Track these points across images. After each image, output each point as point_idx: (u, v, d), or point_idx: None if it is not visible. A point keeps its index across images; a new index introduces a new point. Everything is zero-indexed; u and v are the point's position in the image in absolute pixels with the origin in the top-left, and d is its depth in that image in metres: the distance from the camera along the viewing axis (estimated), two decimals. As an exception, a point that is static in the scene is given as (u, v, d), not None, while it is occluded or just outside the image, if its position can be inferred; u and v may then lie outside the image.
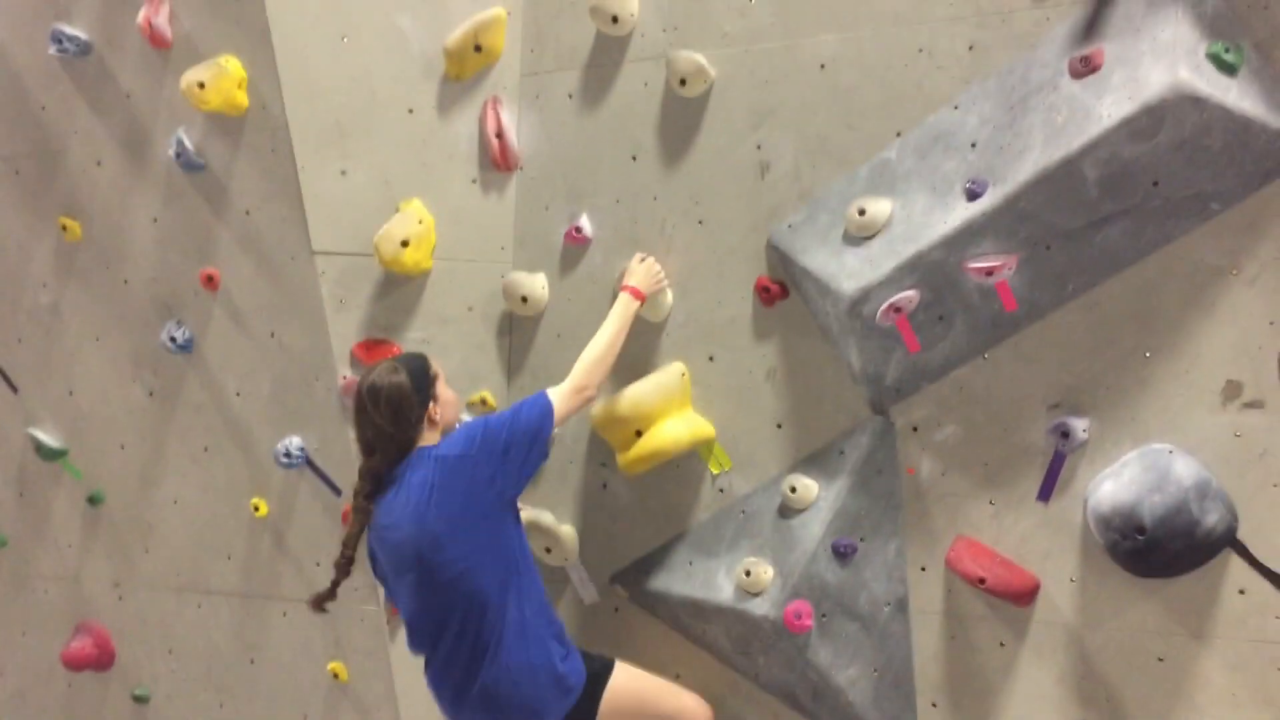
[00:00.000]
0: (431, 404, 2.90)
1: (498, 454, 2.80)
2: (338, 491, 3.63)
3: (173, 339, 3.70)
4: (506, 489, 2.83)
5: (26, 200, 3.86)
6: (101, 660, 4.19)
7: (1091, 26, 2.67)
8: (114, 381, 3.91)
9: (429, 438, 2.91)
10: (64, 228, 3.80)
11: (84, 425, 4.02)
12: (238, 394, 3.71)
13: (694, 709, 3.17)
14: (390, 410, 2.81)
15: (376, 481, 2.86)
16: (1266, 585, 2.71)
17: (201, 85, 3.31)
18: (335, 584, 2.94)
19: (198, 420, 3.80)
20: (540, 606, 2.90)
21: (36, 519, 4.21)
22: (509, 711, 2.86)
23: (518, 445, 2.83)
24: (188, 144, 3.48)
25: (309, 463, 3.64)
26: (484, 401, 3.50)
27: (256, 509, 3.75)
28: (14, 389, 4.10)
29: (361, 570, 3.55)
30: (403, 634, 3.56)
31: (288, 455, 3.62)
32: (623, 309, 3.09)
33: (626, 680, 3.03)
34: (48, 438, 4.07)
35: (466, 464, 2.79)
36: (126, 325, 3.82)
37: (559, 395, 2.92)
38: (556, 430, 3.01)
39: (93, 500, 4.05)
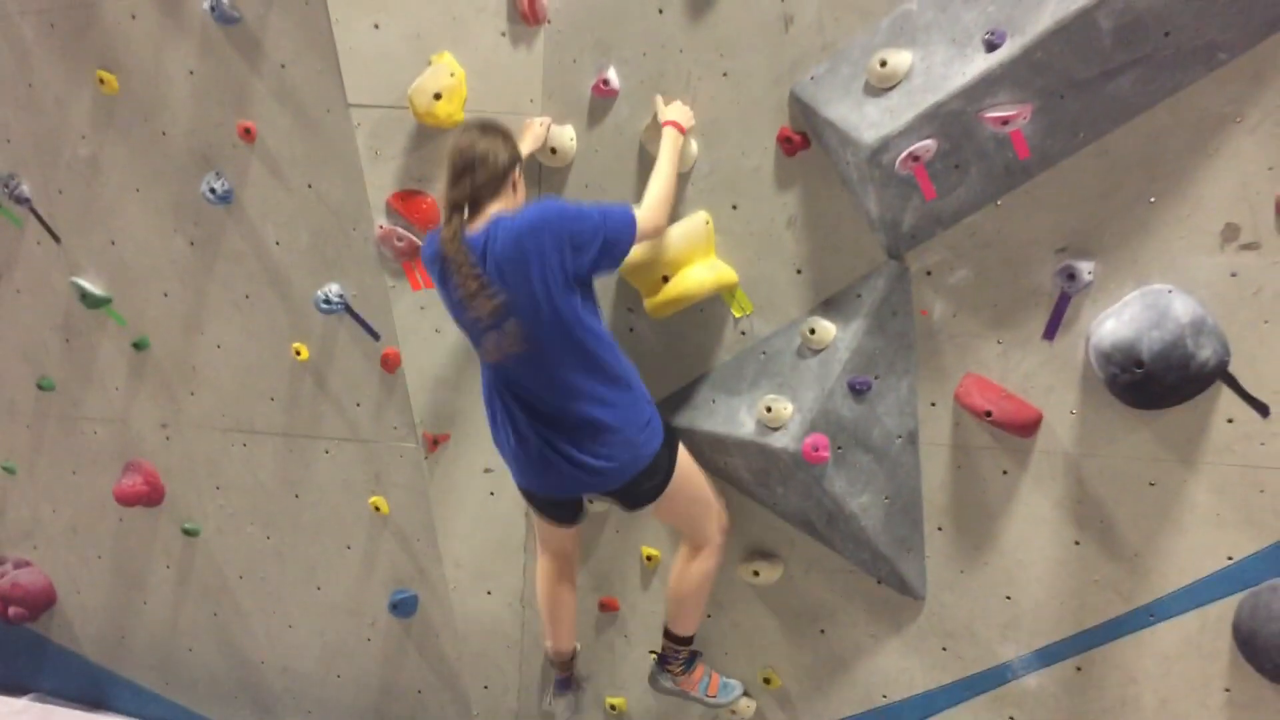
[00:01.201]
0: (520, 168, 3.04)
1: (586, 232, 2.90)
2: (376, 336, 3.81)
3: (212, 190, 3.83)
4: (576, 274, 2.92)
5: (63, 53, 3.92)
6: (152, 496, 4.44)
7: (1112, -121, 2.74)
8: (155, 231, 4.05)
9: (505, 203, 2.99)
10: (101, 80, 3.88)
11: (127, 274, 4.17)
12: (277, 243, 3.86)
13: (716, 522, 3.37)
14: (491, 173, 2.94)
15: (460, 213, 2.95)
16: (1253, 414, 2.92)
17: (236, -65, 3.38)
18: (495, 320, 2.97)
19: (238, 269, 3.96)
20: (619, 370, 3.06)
21: (84, 364, 4.39)
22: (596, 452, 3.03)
23: (604, 235, 2.93)
24: (223, -6, 3.55)
25: (348, 309, 3.81)
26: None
27: (298, 353, 3.94)
28: (56, 239, 4.24)
29: (398, 409, 3.77)
30: (439, 469, 3.81)
31: (327, 301, 3.79)
32: (671, 145, 3.20)
33: (687, 459, 3.26)
34: (91, 286, 4.22)
35: (555, 227, 2.87)
36: (166, 177, 3.94)
37: (640, 221, 3.02)
38: None
39: (138, 346, 4.24)
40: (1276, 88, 2.74)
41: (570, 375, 2.96)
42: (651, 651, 3.62)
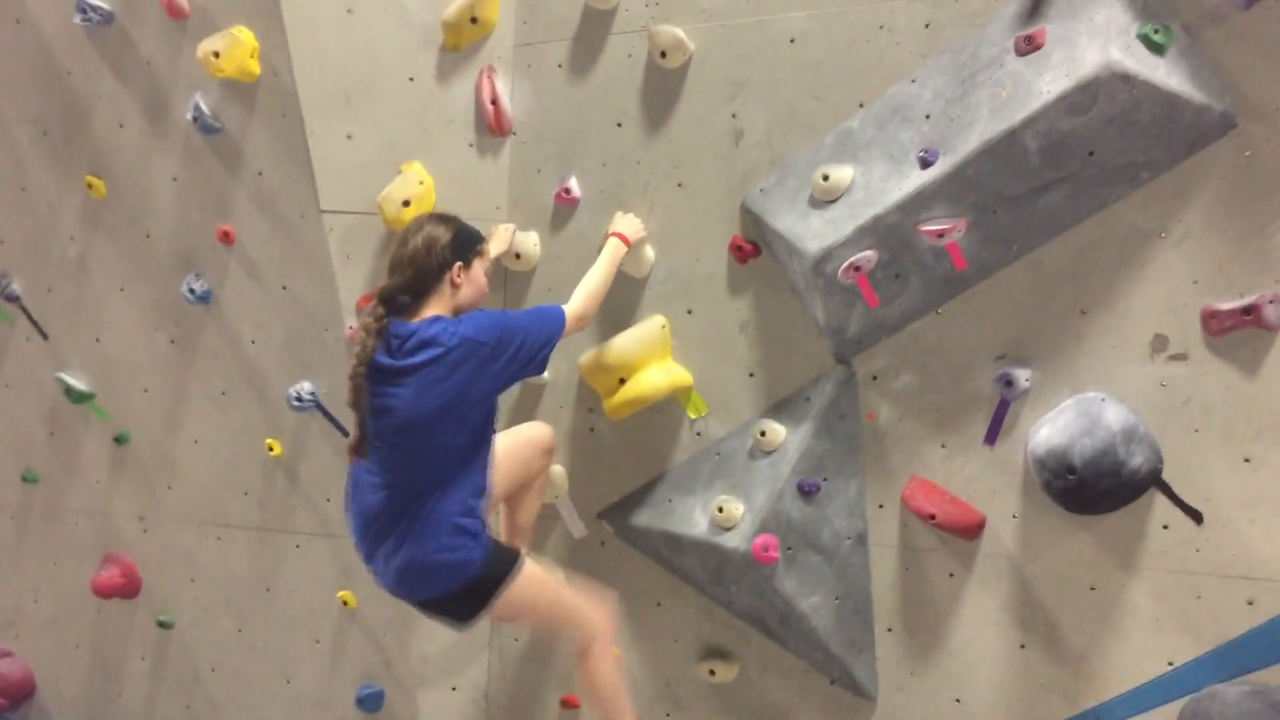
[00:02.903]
0: (458, 267, 2.98)
1: (511, 349, 2.92)
2: (345, 433, 3.90)
3: (192, 290, 3.97)
4: (504, 383, 2.98)
5: (55, 160, 4.10)
6: (129, 588, 4.50)
7: (1035, 8, 2.89)
8: (138, 329, 4.18)
9: (441, 301, 2.98)
10: (90, 185, 4.04)
11: (110, 370, 4.29)
12: (253, 342, 3.98)
13: (592, 621, 3.24)
14: (422, 248, 2.94)
15: (389, 306, 2.94)
16: (1188, 521, 2.97)
17: (217, 54, 3.55)
18: (359, 425, 2.99)
19: (216, 366, 4.08)
20: (473, 490, 2.99)
21: (67, 457, 4.50)
22: (421, 572, 2.98)
23: (528, 348, 2.96)
24: (204, 109, 3.71)
25: (319, 406, 3.92)
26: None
27: (271, 449, 4.03)
28: (44, 335, 4.37)
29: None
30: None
31: (299, 399, 3.89)
32: (611, 251, 3.31)
33: (526, 584, 3.08)
34: (76, 381, 4.34)
35: (484, 351, 2.88)
36: (149, 277, 4.08)
37: (569, 314, 3.08)
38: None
39: (119, 440, 4.34)
40: (1198, 205, 2.85)
41: (410, 476, 2.95)
42: None
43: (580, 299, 3.17)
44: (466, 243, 3.04)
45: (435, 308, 2.97)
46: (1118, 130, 2.78)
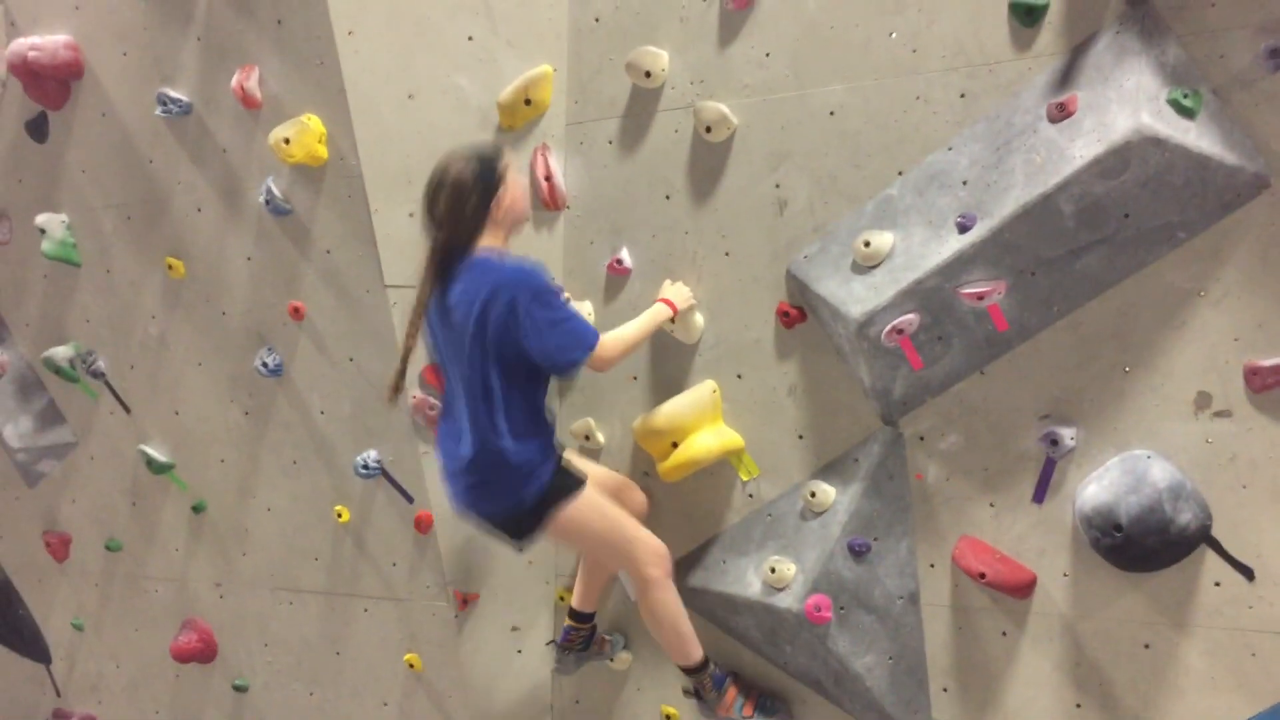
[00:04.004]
0: (499, 194, 3.08)
1: (532, 326, 2.99)
2: (410, 499, 4.04)
3: (264, 364, 4.15)
4: (526, 345, 3.02)
5: (137, 243, 4.34)
6: (206, 653, 4.66)
7: (1067, 75, 2.97)
8: (214, 402, 4.37)
9: (492, 232, 3.10)
10: (170, 266, 4.27)
11: (188, 442, 4.49)
12: (322, 412, 4.14)
13: (650, 550, 3.32)
14: (452, 199, 3.04)
15: (442, 255, 3.08)
16: (1239, 577, 2.96)
17: (287, 141, 3.75)
18: (404, 359, 3.21)
19: (287, 436, 4.25)
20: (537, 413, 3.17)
21: (148, 526, 4.69)
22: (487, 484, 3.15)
23: (549, 330, 3.02)
24: (276, 192, 3.92)
25: (385, 473, 4.06)
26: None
27: (339, 515, 4.18)
28: (127, 410, 4.58)
29: (431, 569, 3.97)
30: (469, 627, 3.98)
31: (366, 467, 4.04)
32: (654, 313, 3.38)
33: (585, 507, 3.22)
34: (157, 453, 4.54)
35: (509, 309, 2.98)
36: (224, 352, 4.28)
37: (600, 346, 3.11)
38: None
39: (196, 509, 4.52)
40: (1235, 263, 2.88)
41: (470, 410, 3.10)
42: (684, 690, 3.74)
43: (612, 343, 3.18)
44: (490, 169, 3.08)
45: (490, 240, 3.11)
46: (1152, 193, 2.84)
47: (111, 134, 4.26)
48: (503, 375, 3.07)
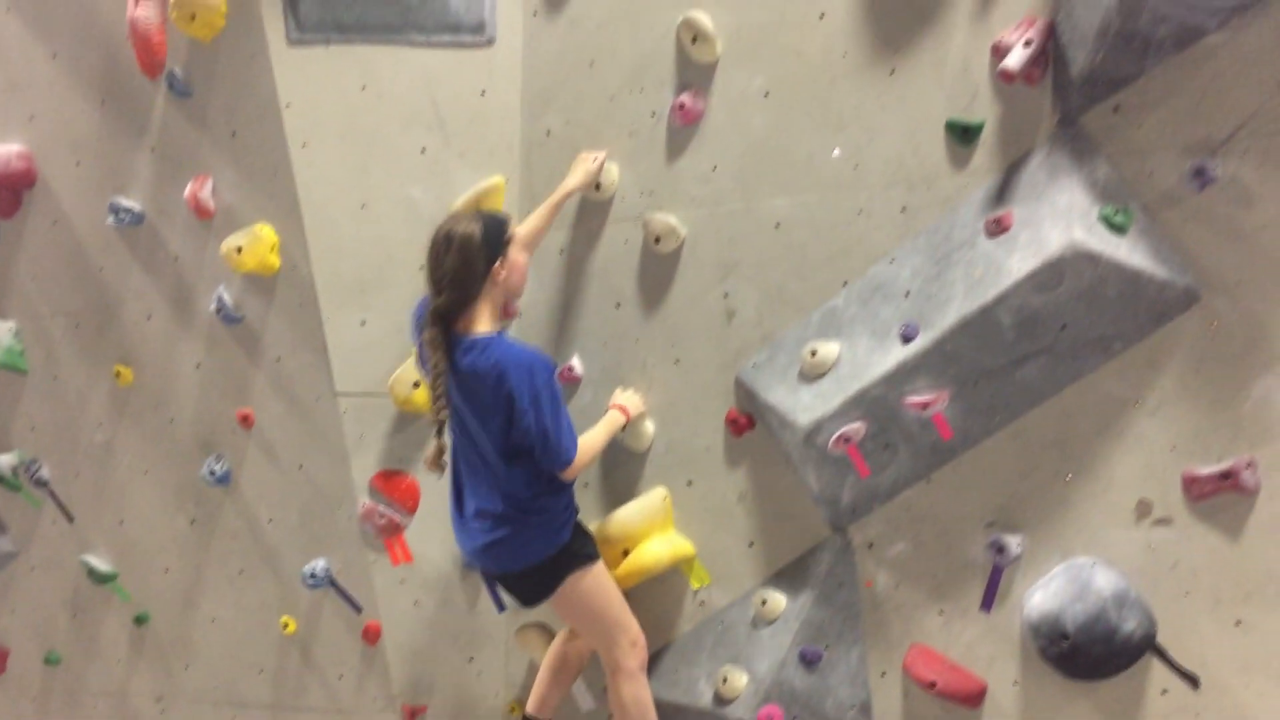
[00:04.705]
0: (500, 261, 3.10)
1: (525, 429, 3.05)
2: (358, 609, 3.99)
3: (212, 472, 4.11)
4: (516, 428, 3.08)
5: (86, 350, 4.30)
6: (145, 771, 4.52)
7: (1002, 192, 3.07)
8: (160, 511, 4.31)
9: (490, 298, 3.12)
10: (118, 374, 4.24)
11: (132, 551, 4.40)
12: (269, 521, 4.10)
13: (635, 639, 3.38)
14: (459, 257, 3.03)
15: (445, 321, 3.06)
16: (1184, 685, 2.98)
17: (239, 250, 3.78)
18: (440, 431, 3.15)
19: (234, 545, 4.19)
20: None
21: (88, 639, 4.57)
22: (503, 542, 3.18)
23: (537, 435, 3.06)
24: (227, 300, 3.92)
25: (332, 583, 4.00)
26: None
27: (286, 626, 4.10)
28: (70, 519, 4.50)
29: (378, 680, 3.90)
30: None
31: (313, 576, 3.99)
32: (609, 420, 3.42)
33: (597, 577, 3.31)
34: (100, 563, 4.45)
35: (509, 402, 3.03)
36: (171, 461, 4.23)
37: (572, 465, 3.16)
38: None
39: (139, 620, 4.42)
40: (1170, 374, 2.96)
41: (494, 469, 3.16)
42: None
43: (578, 457, 3.21)
44: (497, 235, 3.12)
45: (485, 306, 3.12)
46: (1087, 305, 2.92)
47: (62, 242, 4.26)
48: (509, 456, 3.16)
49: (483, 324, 3.12)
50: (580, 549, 3.30)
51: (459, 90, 3.68)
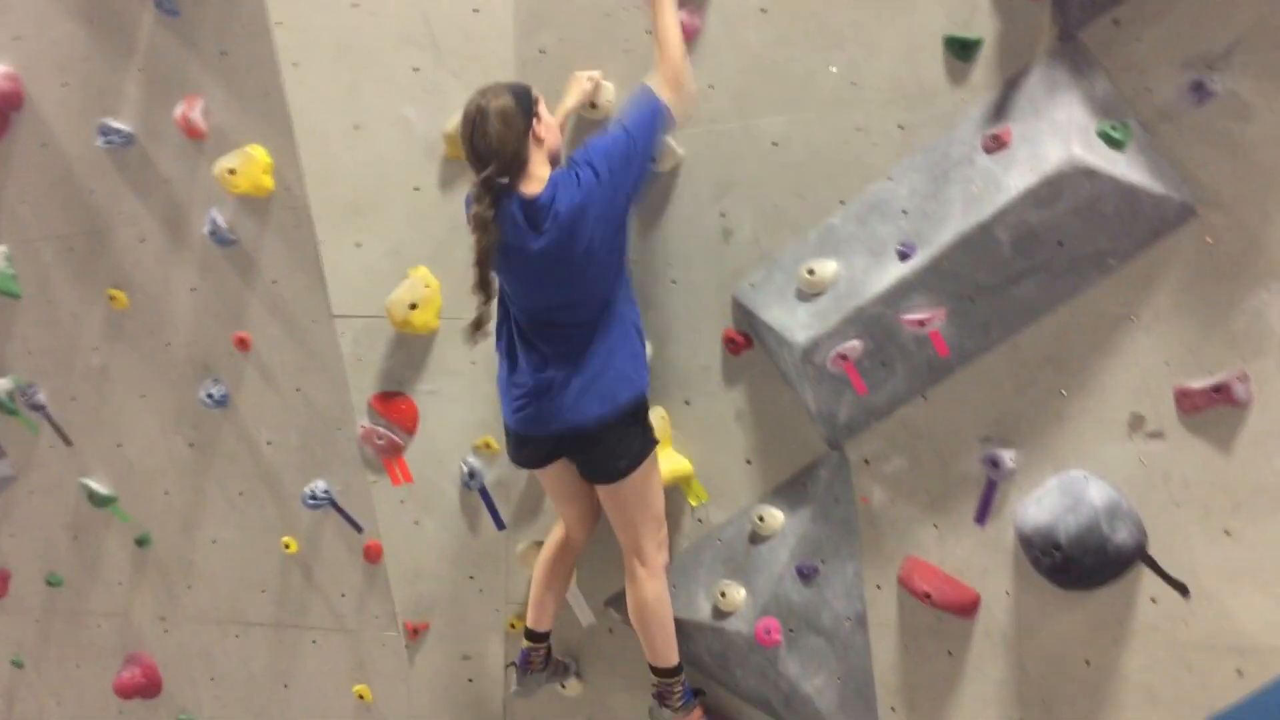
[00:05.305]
0: (535, 122, 3.10)
1: (631, 172, 3.09)
2: (359, 529, 4.03)
3: (210, 395, 4.13)
4: (634, 195, 3.17)
5: (78, 274, 4.30)
6: (149, 688, 4.60)
7: (1001, 108, 3.06)
8: (158, 434, 4.34)
9: (537, 157, 3.11)
10: (112, 297, 4.23)
11: (132, 475, 4.44)
12: (269, 444, 4.13)
13: (664, 535, 3.44)
14: (500, 124, 3.00)
15: (493, 192, 3.03)
16: (1174, 593, 3.05)
17: (232, 171, 3.76)
18: (483, 306, 3.11)
19: (233, 468, 4.22)
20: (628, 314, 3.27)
21: (89, 560, 4.62)
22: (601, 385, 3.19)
23: (636, 160, 3.11)
24: (221, 222, 3.91)
25: (333, 504, 4.05)
26: (488, 445, 3.87)
27: (287, 546, 4.16)
28: (68, 442, 4.52)
29: (380, 599, 3.96)
30: (420, 657, 3.97)
31: (314, 497, 4.03)
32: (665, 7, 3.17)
33: (654, 466, 3.36)
34: (99, 486, 4.49)
35: (606, 189, 3.05)
36: (168, 384, 4.25)
37: (662, 92, 3.13)
38: None
39: (140, 542, 4.47)
40: (1165, 290, 2.98)
41: (583, 306, 3.17)
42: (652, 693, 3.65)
43: (672, 70, 3.15)
44: (527, 100, 3.11)
45: (537, 168, 3.10)
46: (1083, 221, 2.93)
47: (52, 165, 4.23)
48: (615, 253, 3.20)
49: (541, 177, 3.10)
50: (650, 431, 3.34)
51: (452, 8, 3.64)
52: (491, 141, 3.01)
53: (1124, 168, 2.88)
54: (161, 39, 3.91)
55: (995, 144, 3.01)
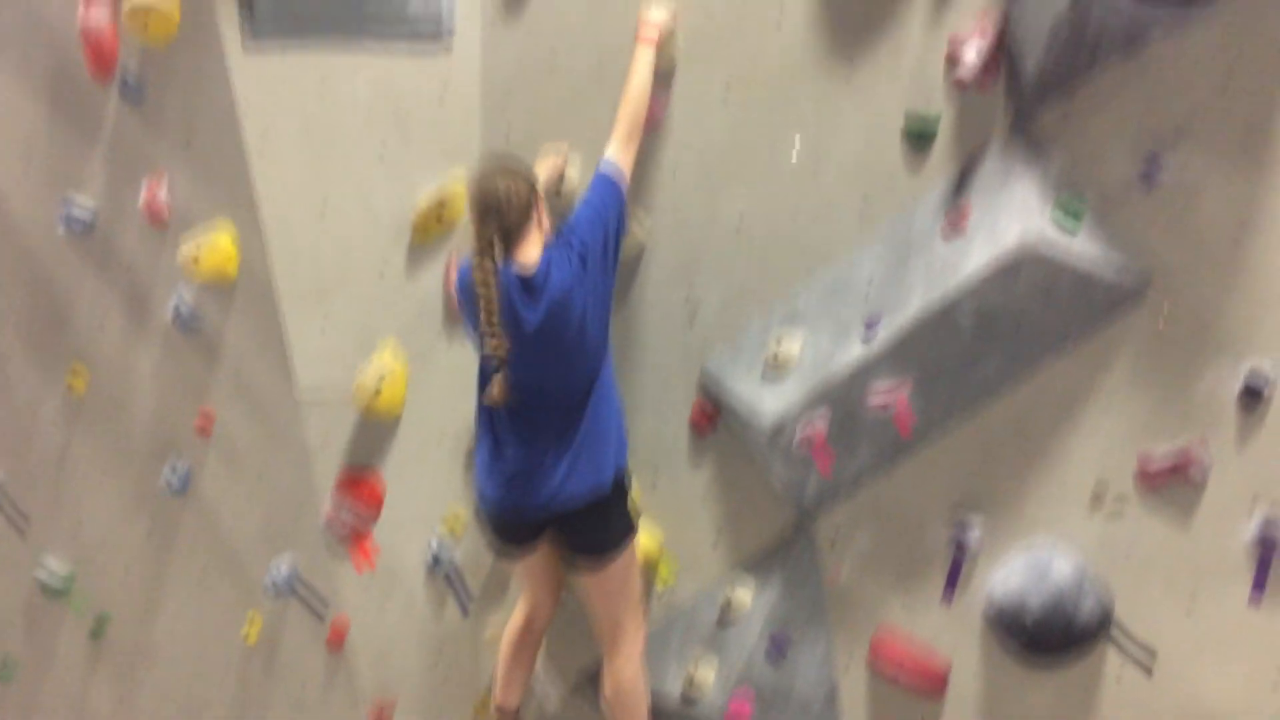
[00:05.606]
0: (538, 201, 3.19)
1: (608, 256, 3.17)
2: (321, 615, 3.98)
3: (171, 478, 4.08)
4: (613, 268, 3.23)
5: (38, 357, 4.26)
6: (105, 780, 4.48)
7: (959, 191, 3.14)
8: (118, 516, 4.28)
9: (535, 235, 3.15)
10: (71, 380, 4.19)
11: (90, 556, 4.37)
12: (230, 527, 4.08)
13: (641, 622, 3.42)
14: (510, 185, 3.08)
15: (494, 250, 3.07)
16: (1141, 665, 3.08)
17: (196, 258, 3.76)
18: (500, 367, 3.09)
19: (194, 552, 4.17)
20: (612, 393, 3.29)
21: (43, 648, 4.52)
22: (584, 467, 3.18)
23: (613, 236, 3.18)
24: (185, 304, 3.90)
25: (296, 588, 3.99)
26: (454, 527, 3.85)
27: (248, 630, 4.09)
28: (25, 525, 4.45)
29: (344, 687, 3.90)
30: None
31: (276, 581, 3.98)
32: (642, 61, 3.29)
33: (633, 551, 3.34)
34: (55, 570, 4.40)
35: (595, 267, 3.13)
36: (130, 465, 4.22)
37: (619, 158, 3.22)
38: None
39: (96, 628, 4.38)
40: (1121, 367, 3.04)
41: (571, 384, 3.18)
42: None
43: (627, 122, 3.25)
44: (533, 179, 3.21)
45: (533, 244, 3.14)
46: (1041, 301, 3.00)
47: (13, 246, 4.20)
48: (601, 332, 3.24)
49: (535, 252, 3.14)
50: (632, 511, 3.33)
51: (418, 92, 3.68)
52: (501, 197, 3.07)
53: (1078, 249, 2.95)
54: (127, 122, 3.92)
55: (954, 226, 3.08)
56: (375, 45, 3.65)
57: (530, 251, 3.12)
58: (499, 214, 3.06)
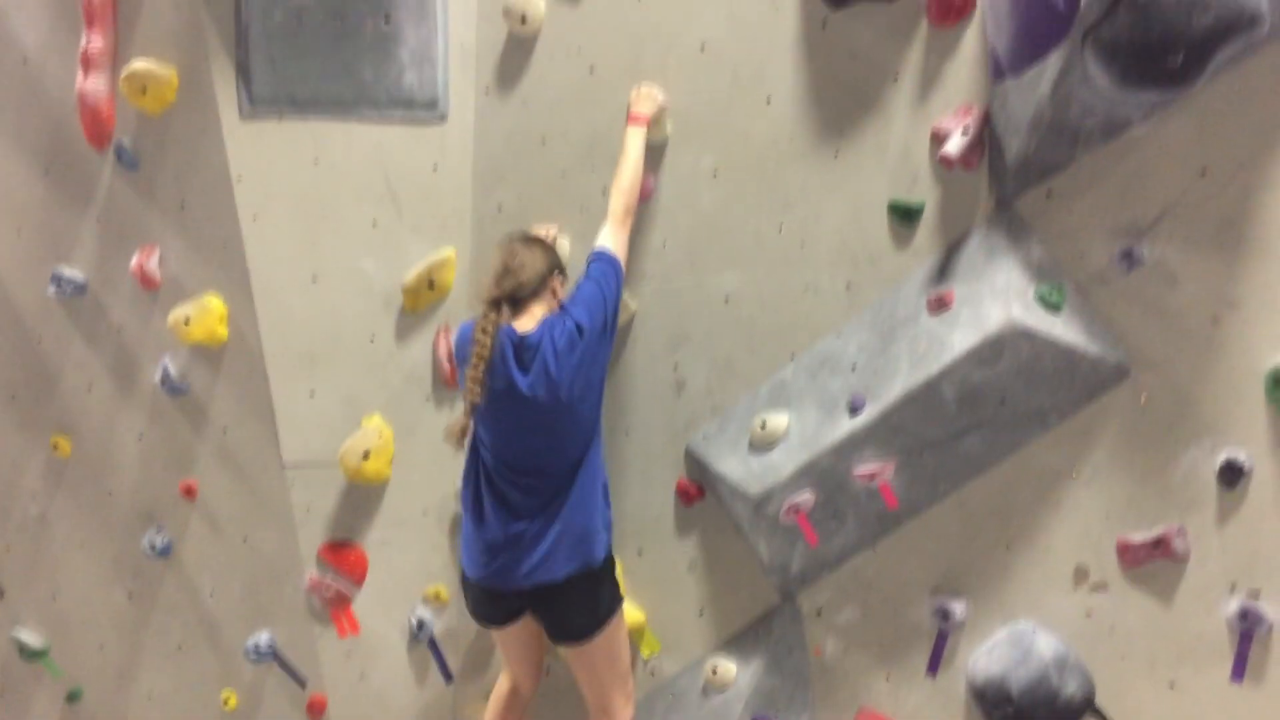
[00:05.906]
0: (556, 277, 3.29)
1: (605, 334, 3.21)
2: (302, 684, 3.94)
3: (153, 545, 4.05)
4: (609, 345, 3.27)
5: (21, 421, 4.23)
6: None
7: (943, 271, 3.20)
8: (96, 585, 4.22)
9: (540, 307, 3.22)
10: (55, 445, 4.17)
11: (66, 626, 4.30)
12: (211, 594, 4.04)
13: (630, 693, 3.40)
14: (531, 256, 3.21)
15: (499, 310, 3.14)
16: (1123, 746, 3.10)
17: (187, 321, 3.77)
18: (469, 411, 3.12)
19: (173, 620, 4.12)
20: (599, 472, 3.30)
21: (16, 717, 4.44)
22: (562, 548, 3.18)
23: (612, 314, 3.23)
24: (172, 371, 3.90)
25: (276, 657, 3.96)
26: (438, 595, 3.85)
27: (226, 701, 4.04)
28: (1, 593, 4.39)
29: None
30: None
31: (257, 650, 3.94)
32: (634, 141, 3.38)
33: (621, 623, 3.34)
34: (31, 638, 4.34)
35: (590, 342, 3.15)
36: (110, 532, 4.16)
37: (615, 241, 3.31)
38: None
39: (71, 698, 4.32)
40: (1103, 445, 3.10)
41: (560, 457, 3.18)
42: None
43: (621, 202, 3.33)
44: (558, 260, 3.34)
45: (536, 314, 3.21)
46: (1024, 380, 3.05)
47: (1, 311, 4.20)
48: (593, 409, 3.26)
49: (536, 319, 3.20)
50: (617, 587, 3.33)
51: (411, 165, 3.73)
52: (520, 262, 3.19)
53: (1061, 329, 3.02)
54: (120, 189, 3.94)
55: (939, 305, 3.14)
56: (370, 116, 3.70)
57: (531, 319, 3.19)
58: (515, 277, 3.17)
